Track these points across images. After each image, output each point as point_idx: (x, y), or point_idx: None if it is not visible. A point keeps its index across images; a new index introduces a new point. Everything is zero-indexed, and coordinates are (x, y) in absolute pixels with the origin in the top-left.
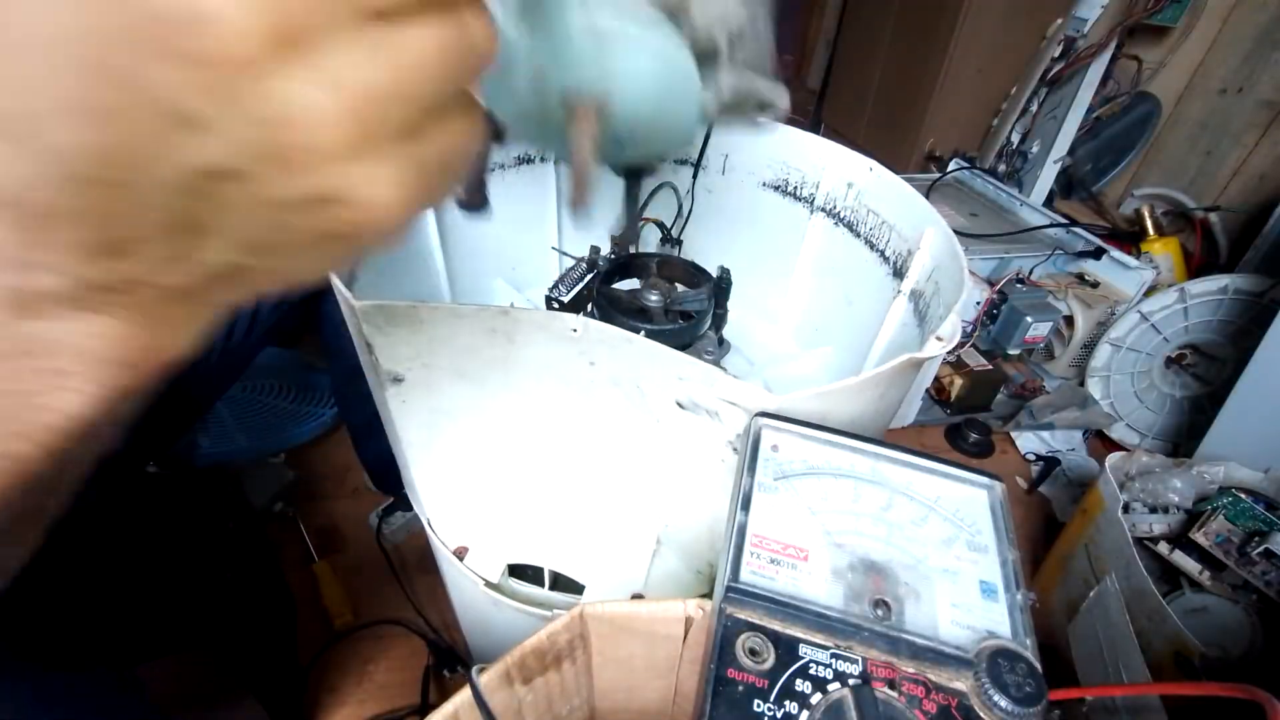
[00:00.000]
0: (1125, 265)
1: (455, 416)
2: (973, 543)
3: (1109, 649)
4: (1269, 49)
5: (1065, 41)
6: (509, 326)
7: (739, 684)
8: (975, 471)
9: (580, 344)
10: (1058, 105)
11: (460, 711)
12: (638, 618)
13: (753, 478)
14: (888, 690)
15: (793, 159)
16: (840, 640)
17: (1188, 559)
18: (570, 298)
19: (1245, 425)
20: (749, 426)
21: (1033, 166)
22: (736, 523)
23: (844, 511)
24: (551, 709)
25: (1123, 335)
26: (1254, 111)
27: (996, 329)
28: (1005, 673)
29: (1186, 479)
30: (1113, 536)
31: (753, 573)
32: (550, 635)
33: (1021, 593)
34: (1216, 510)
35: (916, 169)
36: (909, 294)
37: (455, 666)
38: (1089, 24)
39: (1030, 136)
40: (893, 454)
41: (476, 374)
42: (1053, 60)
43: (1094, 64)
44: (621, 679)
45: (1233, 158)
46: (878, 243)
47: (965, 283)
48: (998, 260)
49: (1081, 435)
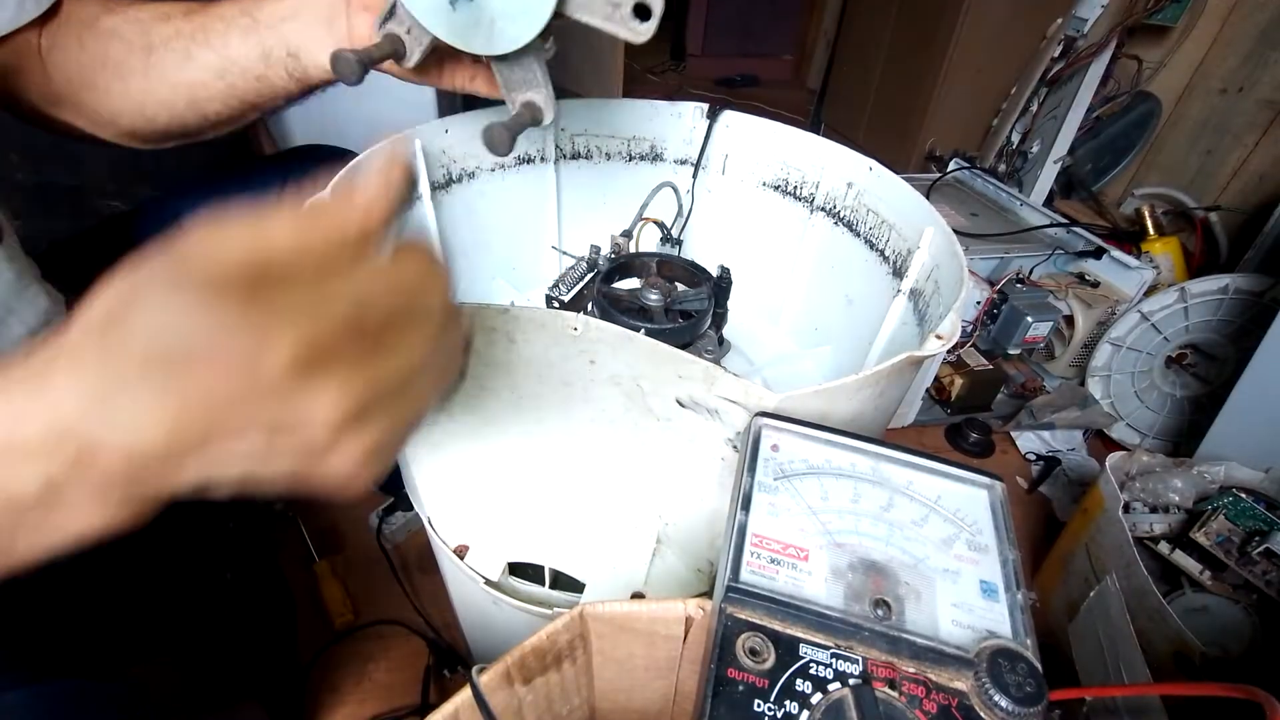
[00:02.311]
0: (1125, 265)
1: (455, 415)
2: (973, 542)
3: (1109, 649)
4: (1269, 49)
5: (1065, 41)
6: (509, 325)
7: (739, 684)
8: (975, 471)
9: (581, 343)
10: (1058, 105)
11: (460, 711)
12: (638, 617)
13: (753, 477)
14: (888, 690)
15: (793, 159)
16: (840, 640)
17: (1188, 559)
18: (570, 297)
19: (1245, 425)
20: (749, 426)
21: (1033, 166)
22: (736, 522)
23: (844, 511)
24: (551, 709)
25: (1123, 335)
26: (1254, 111)
27: (996, 329)
28: (1006, 673)
29: (1187, 479)
30: (1113, 536)
31: (753, 572)
32: (550, 635)
33: (1022, 593)
34: (1217, 510)
35: (916, 169)
36: (908, 293)
37: (455, 666)
38: (1089, 24)
39: (1030, 136)
40: (893, 453)
41: (477, 373)
42: (1053, 60)
43: (1094, 64)
44: (621, 679)
45: (1233, 157)
46: (877, 242)
47: (965, 282)
48: (998, 260)
49: (1082, 435)
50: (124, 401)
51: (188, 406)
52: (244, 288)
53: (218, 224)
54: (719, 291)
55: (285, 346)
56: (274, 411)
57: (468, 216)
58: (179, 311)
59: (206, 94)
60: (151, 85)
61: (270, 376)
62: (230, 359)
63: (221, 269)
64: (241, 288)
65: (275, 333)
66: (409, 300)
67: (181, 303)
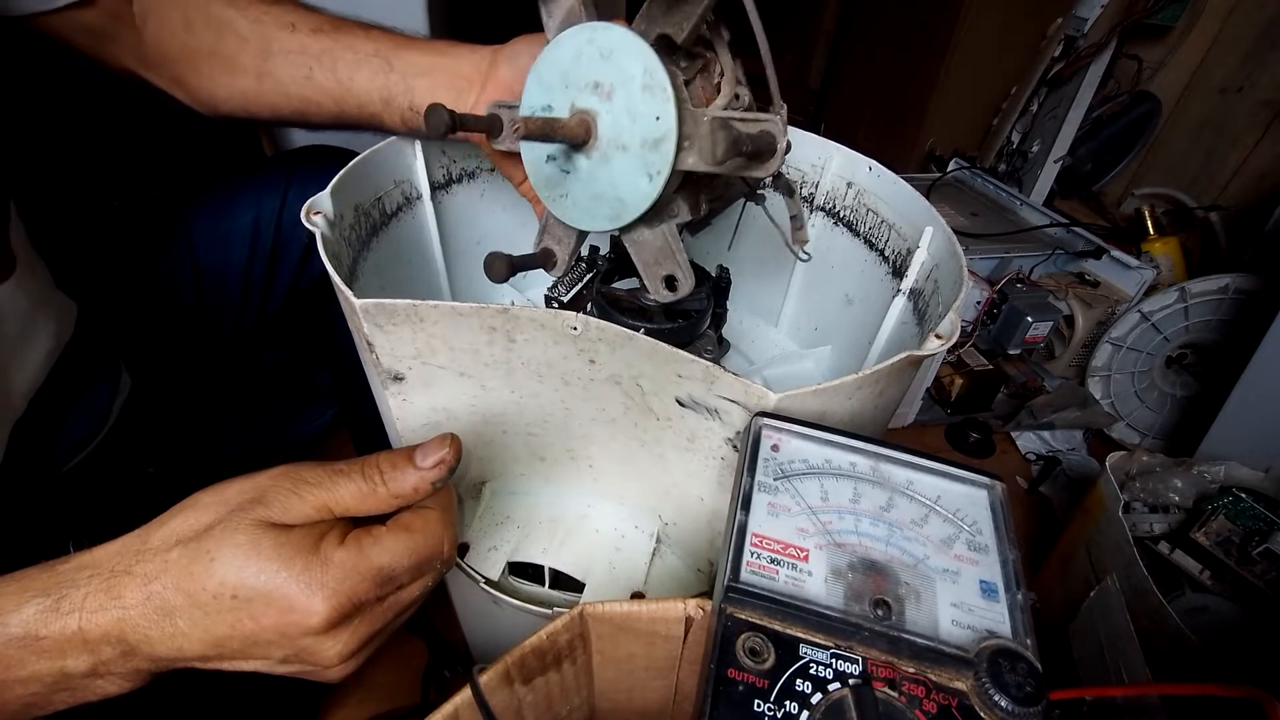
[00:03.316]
0: (1126, 265)
1: (456, 415)
2: (973, 542)
3: (1109, 649)
4: (1269, 49)
5: (1065, 41)
6: (509, 325)
7: (739, 684)
8: (975, 471)
9: (580, 342)
10: (1058, 105)
11: (460, 711)
12: (638, 618)
13: (753, 477)
14: (888, 690)
15: (793, 159)
16: (840, 640)
17: (1188, 559)
18: (570, 297)
19: (1245, 425)
20: (749, 426)
21: (1033, 166)
22: (736, 522)
23: (844, 511)
24: (551, 709)
25: (1123, 335)
26: (1254, 111)
27: (997, 329)
28: (1005, 673)
29: (1187, 479)
30: (1113, 536)
31: (753, 572)
32: (550, 635)
33: (1022, 593)
34: (1217, 510)
35: (916, 169)
36: (908, 293)
37: (455, 666)
38: (1089, 23)
39: (1030, 136)
40: (893, 453)
41: (477, 372)
42: (1053, 60)
43: (1094, 64)
44: (621, 679)
45: (1233, 157)
46: (877, 242)
47: (965, 281)
48: (998, 260)
49: (1082, 435)
50: (185, 624)
51: (234, 636)
52: (308, 549)
53: (299, 476)
54: (718, 291)
55: (324, 609)
56: (295, 649)
57: (468, 216)
58: (252, 554)
59: (317, 112)
60: (263, 90)
61: (305, 629)
62: (281, 607)
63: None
64: (306, 549)
65: (320, 593)
66: (426, 563)
67: (259, 551)
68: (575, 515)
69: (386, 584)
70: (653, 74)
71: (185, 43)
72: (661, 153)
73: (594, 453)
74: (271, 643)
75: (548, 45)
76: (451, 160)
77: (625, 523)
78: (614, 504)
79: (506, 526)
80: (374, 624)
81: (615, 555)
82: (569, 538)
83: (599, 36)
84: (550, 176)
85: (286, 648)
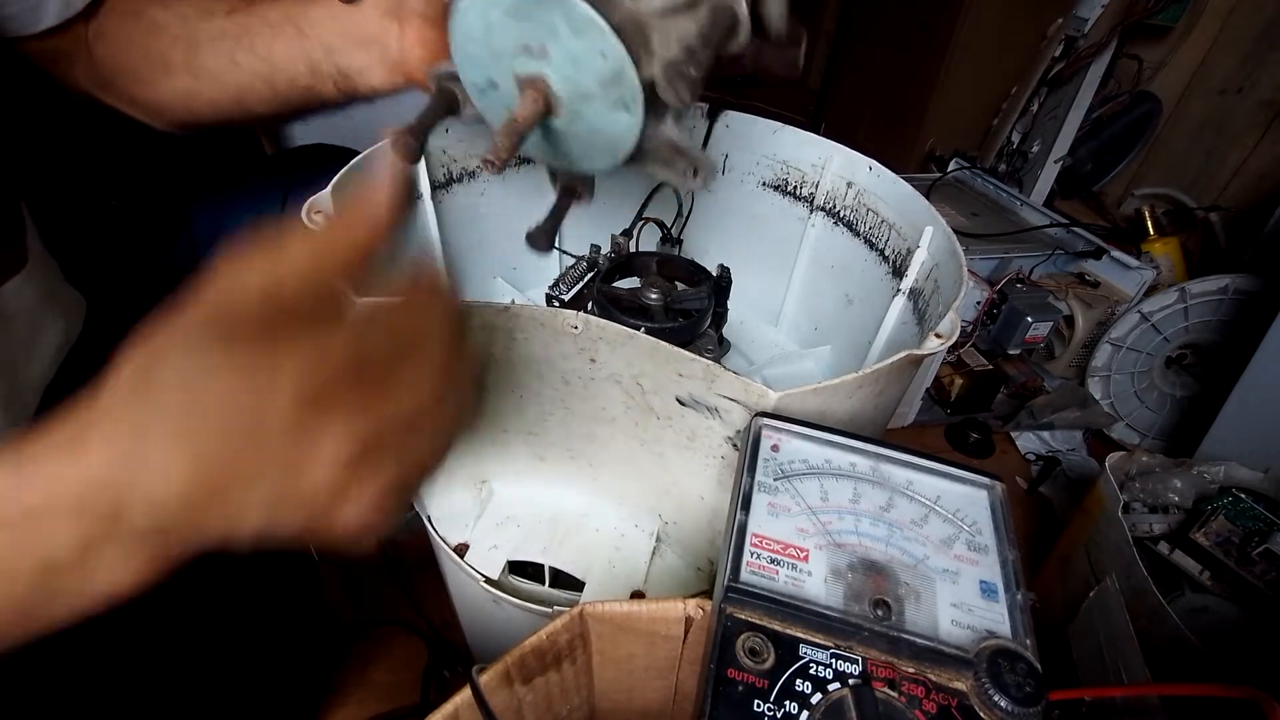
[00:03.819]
0: (1126, 265)
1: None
2: (973, 542)
3: (1109, 649)
4: (1269, 49)
5: (1065, 41)
6: (510, 323)
7: (739, 684)
8: (975, 471)
9: (581, 341)
10: (1058, 105)
11: (460, 711)
12: (638, 617)
13: (753, 477)
14: (888, 690)
15: (793, 159)
16: (840, 640)
17: (1188, 559)
18: (571, 296)
19: (1245, 425)
20: (749, 426)
21: (1033, 166)
22: (736, 522)
23: (844, 511)
24: (551, 709)
25: (1123, 335)
26: (1254, 111)
27: (996, 329)
28: (1005, 673)
29: (1186, 479)
30: (1113, 536)
31: (753, 572)
32: (550, 635)
33: (1021, 593)
34: (1216, 510)
35: (916, 169)
36: (908, 293)
37: (455, 666)
38: (1089, 24)
39: (1030, 136)
40: (893, 453)
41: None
42: (1053, 60)
43: (1094, 64)
44: (621, 679)
45: (1233, 157)
46: (877, 242)
47: (964, 281)
48: (998, 260)
49: (1081, 435)
50: (150, 453)
51: (205, 450)
52: (256, 327)
53: (236, 259)
54: (719, 291)
55: (288, 385)
56: (283, 451)
57: (468, 216)
58: (198, 360)
59: (255, 98)
60: (200, 86)
61: (276, 415)
62: (240, 399)
63: (238, 309)
64: (254, 327)
65: (279, 372)
66: (412, 337)
67: (200, 352)
68: (575, 514)
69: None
70: (572, 15)
71: (128, 53)
72: (626, 82)
73: (594, 452)
74: (248, 444)
75: (451, 17)
76: (452, 160)
77: (625, 522)
78: (614, 503)
79: (507, 525)
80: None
81: (615, 554)
82: (569, 537)
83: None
84: (539, 147)
85: (269, 450)
